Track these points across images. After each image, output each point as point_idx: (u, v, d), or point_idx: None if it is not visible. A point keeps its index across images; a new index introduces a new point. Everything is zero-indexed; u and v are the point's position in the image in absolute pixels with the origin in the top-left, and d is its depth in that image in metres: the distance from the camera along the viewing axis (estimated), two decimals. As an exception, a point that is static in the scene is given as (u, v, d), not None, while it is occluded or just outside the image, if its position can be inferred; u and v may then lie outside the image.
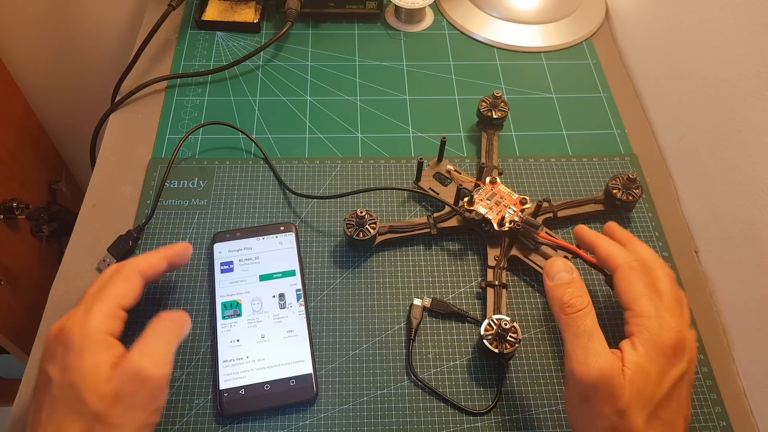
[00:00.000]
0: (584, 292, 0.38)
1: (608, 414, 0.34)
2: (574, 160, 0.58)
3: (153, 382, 0.36)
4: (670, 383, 0.35)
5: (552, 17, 0.70)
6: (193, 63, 0.65)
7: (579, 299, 0.37)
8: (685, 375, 0.36)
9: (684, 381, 0.36)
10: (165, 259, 0.43)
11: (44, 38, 0.88)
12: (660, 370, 0.35)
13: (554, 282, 0.39)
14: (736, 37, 0.48)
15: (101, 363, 0.36)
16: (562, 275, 0.39)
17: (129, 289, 0.40)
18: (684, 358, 0.35)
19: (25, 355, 0.93)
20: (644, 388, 0.34)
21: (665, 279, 0.39)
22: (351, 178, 0.56)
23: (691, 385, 0.36)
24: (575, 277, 0.39)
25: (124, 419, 0.35)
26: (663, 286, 0.38)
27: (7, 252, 0.87)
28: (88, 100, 0.96)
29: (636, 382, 0.34)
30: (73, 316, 0.38)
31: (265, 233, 0.51)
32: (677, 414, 0.35)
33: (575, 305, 0.37)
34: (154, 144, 0.58)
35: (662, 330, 0.35)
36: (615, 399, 0.34)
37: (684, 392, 0.36)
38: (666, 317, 0.36)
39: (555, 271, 0.39)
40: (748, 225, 0.47)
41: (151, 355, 0.37)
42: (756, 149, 0.46)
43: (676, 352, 0.35)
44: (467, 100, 0.63)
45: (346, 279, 0.50)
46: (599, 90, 0.65)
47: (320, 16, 0.71)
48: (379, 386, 0.45)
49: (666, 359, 0.35)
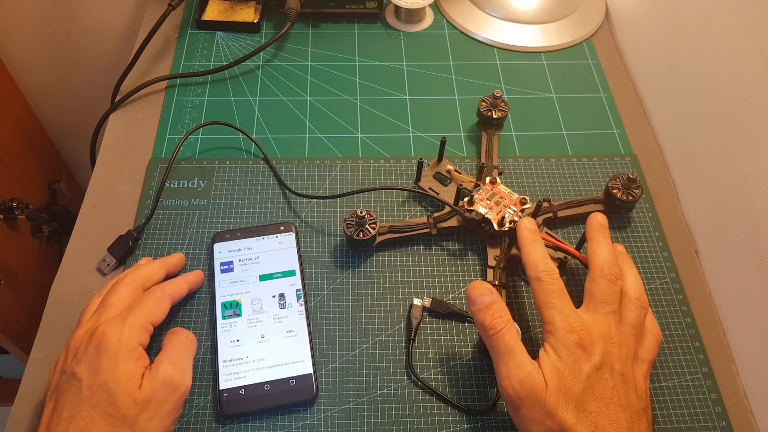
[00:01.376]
0: (504, 311, 0.40)
1: (539, 418, 0.37)
2: (574, 160, 0.58)
3: (181, 391, 0.40)
4: (585, 376, 0.37)
5: (552, 17, 0.70)
6: (193, 63, 0.65)
7: (499, 320, 0.40)
8: (602, 367, 0.37)
9: (604, 372, 0.37)
10: (187, 284, 0.47)
11: (44, 38, 0.88)
12: (571, 367, 0.37)
13: (476, 307, 0.41)
14: (737, 37, 0.48)
15: (134, 370, 0.38)
16: (482, 299, 0.41)
17: (159, 308, 0.43)
18: (595, 353, 0.38)
19: (25, 355, 0.93)
20: (561, 386, 0.37)
21: (599, 281, 0.41)
22: (351, 178, 0.56)
23: (622, 377, 0.38)
24: (494, 298, 0.41)
25: (150, 424, 0.37)
26: (594, 287, 0.41)
27: (7, 252, 0.87)
28: (88, 100, 0.97)
29: (553, 381, 0.37)
30: (106, 322, 0.40)
31: (265, 233, 0.51)
32: (609, 405, 0.36)
33: (495, 326, 0.39)
34: (154, 144, 0.58)
35: (566, 331, 0.38)
36: (540, 402, 0.37)
37: (609, 383, 0.37)
38: (570, 318, 0.39)
39: (475, 295, 0.41)
40: (748, 225, 0.47)
41: (180, 366, 0.41)
42: (756, 149, 0.46)
43: (584, 347, 0.38)
44: (467, 100, 0.63)
45: (346, 279, 0.50)
46: (599, 90, 0.65)
47: (320, 16, 0.71)
48: (379, 386, 0.45)
49: (574, 356, 0.37)
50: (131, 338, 0.39)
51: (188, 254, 0.51)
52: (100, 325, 0.40)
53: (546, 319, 0.40)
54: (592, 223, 0.45)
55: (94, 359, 0.38)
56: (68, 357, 0.40)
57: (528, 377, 0.37)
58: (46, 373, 0.44)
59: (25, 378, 0.45)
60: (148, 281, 0.45)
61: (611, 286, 0.41)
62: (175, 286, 0.45)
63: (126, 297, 0.43)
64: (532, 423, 0.37)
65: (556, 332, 0.39)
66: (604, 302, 0.40)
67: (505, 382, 0.38)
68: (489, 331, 0.40)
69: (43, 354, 0.46)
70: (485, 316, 0.40)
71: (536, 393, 0.37)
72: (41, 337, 0.47)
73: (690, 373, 0.46)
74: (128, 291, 0.43)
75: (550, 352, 0.38)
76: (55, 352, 0.45)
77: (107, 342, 0.38)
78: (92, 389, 0.37)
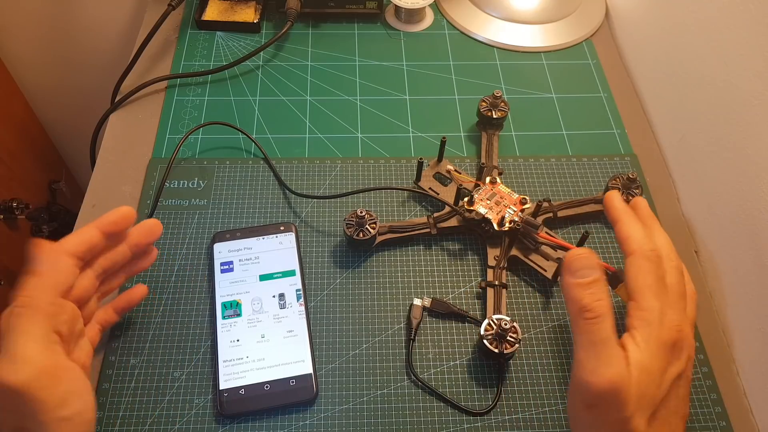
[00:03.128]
0: (606, 294, 0.34)
1: (613, 422, 0.33)
2: (574, 160, 0.58)
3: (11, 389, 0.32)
4: (669, 382, 0.34)
5: (552, 17, 0.70)
6: (193, 63, 0.65)
7: (600, 303, 0.34)
8: (683, 373, 0.35)
9: (682, 380, 0.35)
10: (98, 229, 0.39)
11: (44, 38, 0.88)
12: (661, 369, 0.33)
13: (576, 280, 0.35)
14: (736, 37, 0.48)
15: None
16: (585, 272, 0.35)
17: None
18: (682, 357, 0.34)
19: (25, 355, 0.92)
20: (647, 390, 0.33)
21: (673, 272, 0.37)
22: (351, 178, 0.56)
23: (689, 384, 0.36)
24: (599, 276, 0.35)
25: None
26: (671, 279, 0.36)
27: (7, 252, 0.87)
28: (88, 100, 0.96)
29: (641, 385, 0.33)
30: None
31: (265, 233, 0.51)
32: (674, 413, 0.34)
33: (595, 310, 0.33)
34: (154, 144, 0.58)
35: (664, 326, 0.34)
36: (622, 407, 0.32)
37: (682, 391, 0.35)
38: (669, 313, 0.35)
39: (577, 266, 0.35)
40: (748, 225, 0.47)
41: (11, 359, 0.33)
42: (756, 149, 0.46)
43: (675, 350, 0.34)
44: (467, 100, 0.63)
45: (346, 279, 0.50)
46: (599, 90, 0.65)
47: (320, 16, 0.71)
48: (379, 386, 0.45)
49: (666, 357, 0.34)
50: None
51: (188, 254, 0.51)
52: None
53: (644, 304, 0.34)
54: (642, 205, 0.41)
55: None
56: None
57: (619, 377, 0.32)
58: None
59: (25, 378, 0.45)
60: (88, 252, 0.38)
61: (682, 280, 0.37)
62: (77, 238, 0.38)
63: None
64: (602, 423, 0.33)
65: (653, 324, 0.34)
66: (681, 296, 0.36)
67: (591, 377, 0.32)
68: (586, 313, 0.33)
69: (43, 354, 0.46)
70: (585, 293, 0.34)
71: (621, 396, 0.32)
72: (41, 337, 0.47)
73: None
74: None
75: (642, 347, 0.33)
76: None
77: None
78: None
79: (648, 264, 0.36)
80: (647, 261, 0.36)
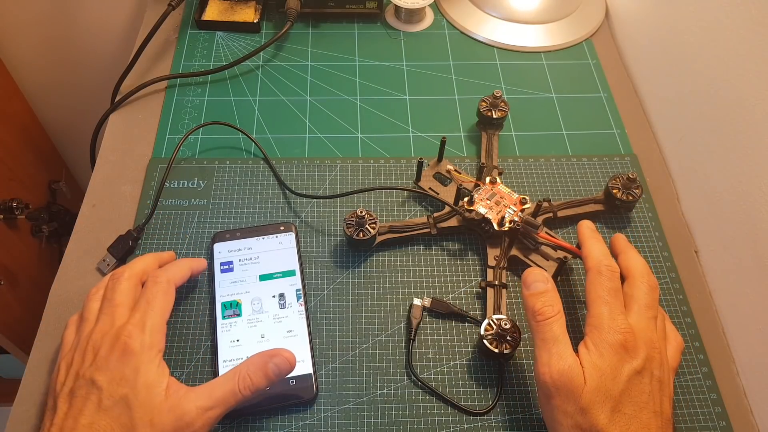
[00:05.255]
0: (556, 301, 0.40)
1: (571, 412, 0.36)
2: (574, 160, 0.58)
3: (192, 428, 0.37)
4: (626, 378, 0.37)
5: (552, 17, 0.70)
6: (193, 63, 0.65)
7: (550, 308, 0.40)
8: (643, 371, 0.37)
9: (643, 377, 0.37)
10: (189, 269, 0.46)
11: (44, 38, 0.88)
12: (613, 367, 0.37)
13: (530, 291, 0.41)
14: (736, 37, 0.48)
15: (156, 385, 0.37)
16: (537, 285, 0.41)
17: (169, 303, 0.42)
18: (638, 356, 0.37)
19: (25, 355, 0.93)
20: (600, 385, 0.36)
21: (641, 286, 0.41)
22: (351, 178, 0.56)
23: (659, 383, 0.38)
24: (549, 287, 0.41)
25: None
26: (639, 292, 0.41)
27: (7, 252, 0.87)
28: (88, 100, 0.97)
29: (593, 379, 0.37)
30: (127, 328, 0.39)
31: (265, 233, 0.51)
32: (643, 408, 0.36)
33: (545, 313, 0.39)
34: (154, 144, 0.58)
35: (612, 330, 0.38)
36: (576, 397, 0.36)
37: (646, 388, 0.37)
38: (618, 318, 0.39)
39: (531, 280, 0.41)
40: (748, 225, 0.47)
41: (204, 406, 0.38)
42: (756, 149, 0.46)
43: (628, 349, 0.37)
44: (467, 100, 0.63)
45: (346, 279, 0.50)
46: (599, 90, 0.65)
47: (320, 16, 0.71)
48: (379, 386, 0.45)
49: (617, 356, 0.37)
50: (152, 346, 0.39)
51: (188, 254, 0.51)
52: (122, 330, 0.39)
53: (594, 312, 0.40)
54: (619, 239, 0.46)
55: (117, 369, 0.37)
56: (85, 359, 0.38)
57: (568, 369, 0.37)
58: (46, 373, 0.44)
59: (25, 378, 0.45)
60: (144, 274, 0.44)
61: (653, 293, 0.41)
62: (178, 271, 0.45)
63: (129, 293, 0.42)
64: (562, 415, 0.37)
65: (602, 329, 0.38)
66: (648, 307, 0.40)
67: (544, 368, 0.38)
68: (538, 316, 0.39)
69: (43, 354, 0.46)
70: (536, 301, 0.40)
71: (573, 386, 0.37)
72: (41, 337, 0.47)
73: (690, 373, 0.46)
74: (130, 286, 0.42)
75: (591, 350, 0.38)
76: (55, 352, 0.45)
77: (130, 351, 0.38)
78: (113, 400, 0.36)
79: (599, 277, 0.41)
80: (599, 275, 0.41)
